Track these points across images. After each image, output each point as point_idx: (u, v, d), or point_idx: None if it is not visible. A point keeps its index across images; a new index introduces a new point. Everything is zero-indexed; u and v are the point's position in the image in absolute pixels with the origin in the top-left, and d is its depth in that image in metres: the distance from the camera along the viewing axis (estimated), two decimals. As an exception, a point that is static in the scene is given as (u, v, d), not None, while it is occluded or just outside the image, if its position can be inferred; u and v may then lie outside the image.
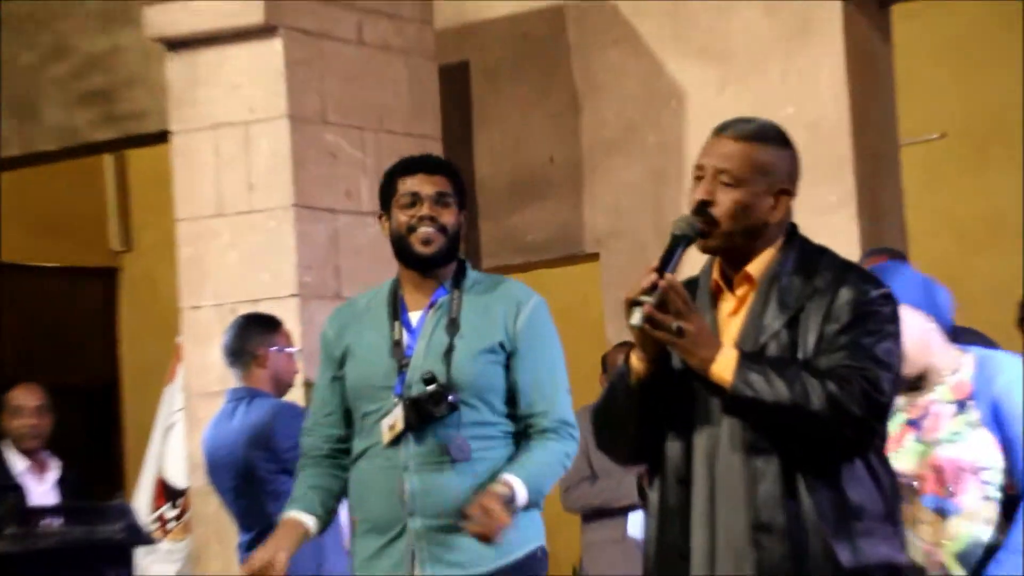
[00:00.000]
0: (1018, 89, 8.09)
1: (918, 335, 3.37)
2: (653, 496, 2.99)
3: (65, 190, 9.32)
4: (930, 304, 3.42)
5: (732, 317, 2.98)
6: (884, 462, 2.94)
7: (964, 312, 5.89)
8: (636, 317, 2.86)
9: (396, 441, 3.67)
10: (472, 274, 3.81)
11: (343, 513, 5.39)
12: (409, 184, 3.76)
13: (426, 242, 3.73)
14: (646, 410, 2.96)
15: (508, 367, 3.71)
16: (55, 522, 5.68)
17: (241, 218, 6.38)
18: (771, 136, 2.99)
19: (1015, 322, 5.50)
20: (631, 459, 3.10)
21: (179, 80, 6.48)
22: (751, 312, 2.95)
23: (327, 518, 3.84)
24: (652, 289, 2.85)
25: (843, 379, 2.84)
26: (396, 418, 3.67)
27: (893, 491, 2.94)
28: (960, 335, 4.81)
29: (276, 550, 3.71)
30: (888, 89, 6.95)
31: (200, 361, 6.41)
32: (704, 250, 2.99)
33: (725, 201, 2.93)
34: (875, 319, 2.90)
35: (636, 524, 6.24)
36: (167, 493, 7.07)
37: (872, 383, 2.85)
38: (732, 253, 2.98)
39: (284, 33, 6.34)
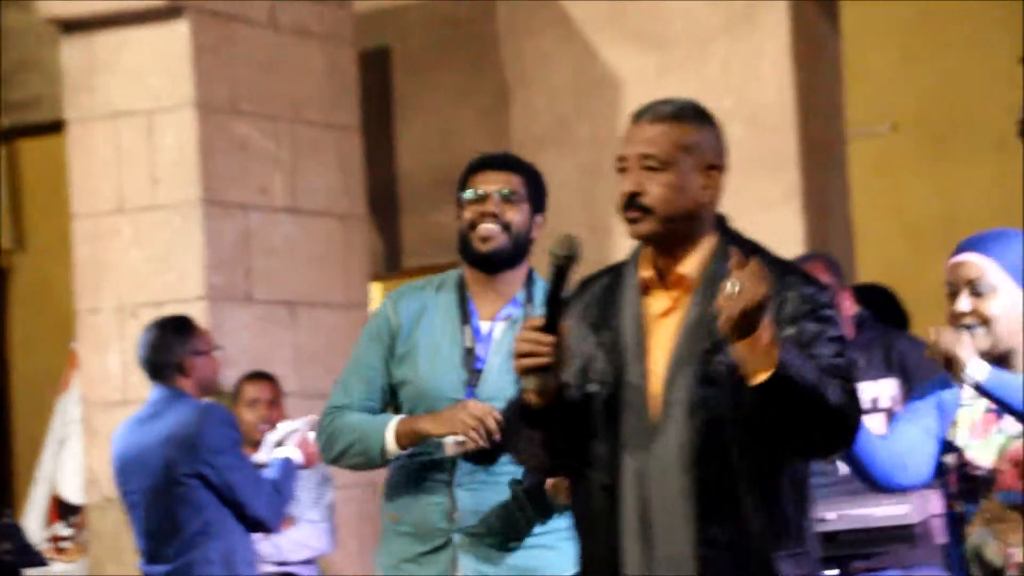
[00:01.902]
0: (975, 77, 8.17)
1: (1014, 314, 3.35)
2: (575, 505, 3.05)
3: (-50, 184, 9.20)
4: None
5: (665, 318, 3.01)
6: (806, 478, 3.03)
7: (916, 319, 5.98)
8: (531, 383, 2.93)
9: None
10: (541, 283, 3.85)
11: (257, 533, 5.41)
12: (478, 180, 3.83)
13: (485, 239, 3.78)
14: (552, 430, 3.00)
15: None
16: (-70, 544, 5.65)
17: (144, 214, 6.37)
18: (691, 113, 3.04)
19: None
20: (550, 473, 3.20)
21: (75, 65, 6.45)
22: (691, 316, 2.97)
23: None
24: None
25: (843, 388, 2.90)
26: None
27: (810, 514, 3.02)
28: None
29: (469, 407, 3.66)
30: (835, 77, 7.05)
31: (98, 369, 6.42)
32: (638, 236, 3.01)
33: (655, 187, 2.98)
34: (828, 326, 2.95)
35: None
36: (61, 510, 7.04)
37: (853, 395, 2.93)
38: (667, 243, 3.01)
39: (191, 15, 6.33)
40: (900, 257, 8.04)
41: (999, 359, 3.36)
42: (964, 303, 3.35)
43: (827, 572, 4.53)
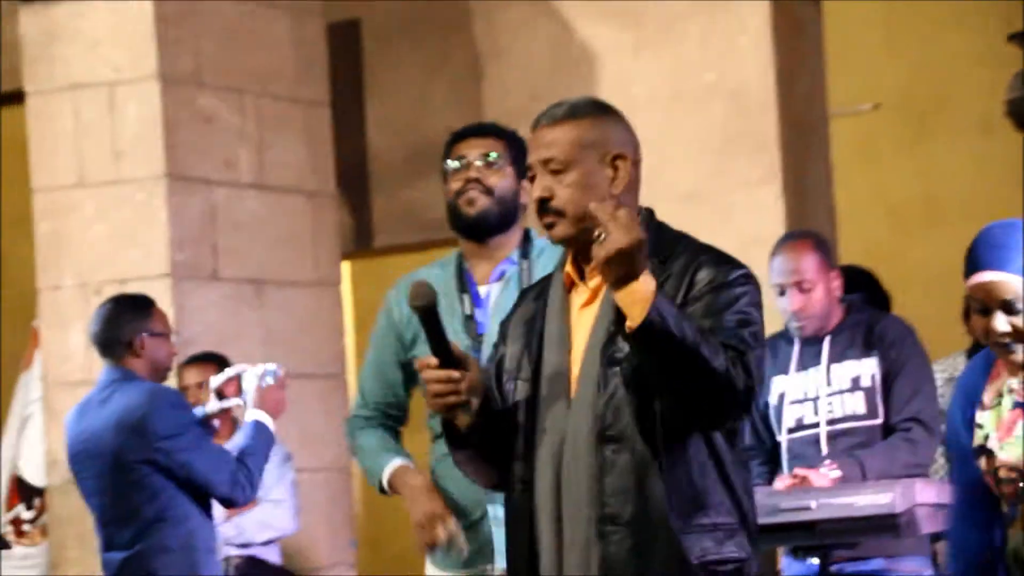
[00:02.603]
0: (960, 55, 8.13)
1: None
2: (502, 509, 3.17)
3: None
4: None
5: (585, 309, 3.11)
6: (738, 458, 3.10)
7: (898, 303, 5.95)
8: (456, 418, 3.06)
9: None
10: (539, 242, 3.95)
11: (218, 514, 5.36)
12: (459, 149, 3.95)
13: (470, 202, 3.88)
14: (485, 447, 3.13)
15: None
16: None
17: (106, 189, 6.33)
18: (587, 109, 3.13)
19: (961, 315, 5.50)
20: (499, 487, 3.21)
21: (34, 35, 6.40)
22: (605, 302, 3.05)
23: None
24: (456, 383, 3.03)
25: (728, 356, 2.97)
26: None
27: (745, 488, 3.07)
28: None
29: (430, 505, 3.82)
30: (817, 54, 7.00)
31: (59, 347, 6.38)
32: (558, 241, 3.11)
33: (562, 189, 3.07)
34: (736, 301, 3.03)
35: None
36: (22, 492, 6.99)
37: (745, 365, 2.98)
38: (585, 240, 3.06)
39: (154, -16, 6.36)
40: (882, 239, 8.04)
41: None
42: (1001, 323, 3.34)
43: (808, 560, 4.51)
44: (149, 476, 4.89)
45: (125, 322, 5.01)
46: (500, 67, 7.18)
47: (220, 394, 5.15)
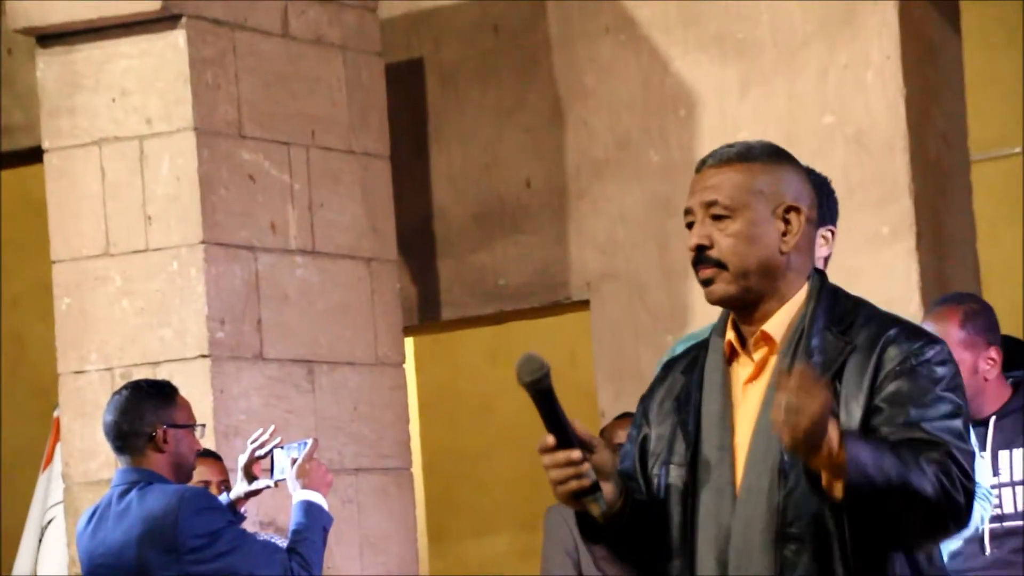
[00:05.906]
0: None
1: None
2: None
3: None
4: None
5: (750, 384, 3.10)
6: (931, 554, 3.08)
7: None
8: (589, 507, 3.02)
9: None
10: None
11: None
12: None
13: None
14: (626, 538, 3.09)
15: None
16: None
17: (135, 258, 6.37)
18: (760, 153, 3.14)
19: None
20: None
21: (53, 83, 6.47)
22: (775, 379, 3.00)
23: None
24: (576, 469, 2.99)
25: (940, 463, 2.95)
26: None
27: None
28: None
29: None
30: (956, 91, 6.99)
31: (83, 441, 6.37)
32: (715, 301, 3.11)
33: (724, 238, 3.08)
34: (936, 383, 3.00)
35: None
36: (43, 612, 7.01)
37: (961, 469, 2.96)
38: (748, 302, 3.10)
39: (188, 24, 6.34)
40: (1035, 303, 7.93)
41: None
42: None
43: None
44: None
45: (146, 411, 4.99)
46: (584, 110, 7.23)
47: (249, 475, 5.12)
